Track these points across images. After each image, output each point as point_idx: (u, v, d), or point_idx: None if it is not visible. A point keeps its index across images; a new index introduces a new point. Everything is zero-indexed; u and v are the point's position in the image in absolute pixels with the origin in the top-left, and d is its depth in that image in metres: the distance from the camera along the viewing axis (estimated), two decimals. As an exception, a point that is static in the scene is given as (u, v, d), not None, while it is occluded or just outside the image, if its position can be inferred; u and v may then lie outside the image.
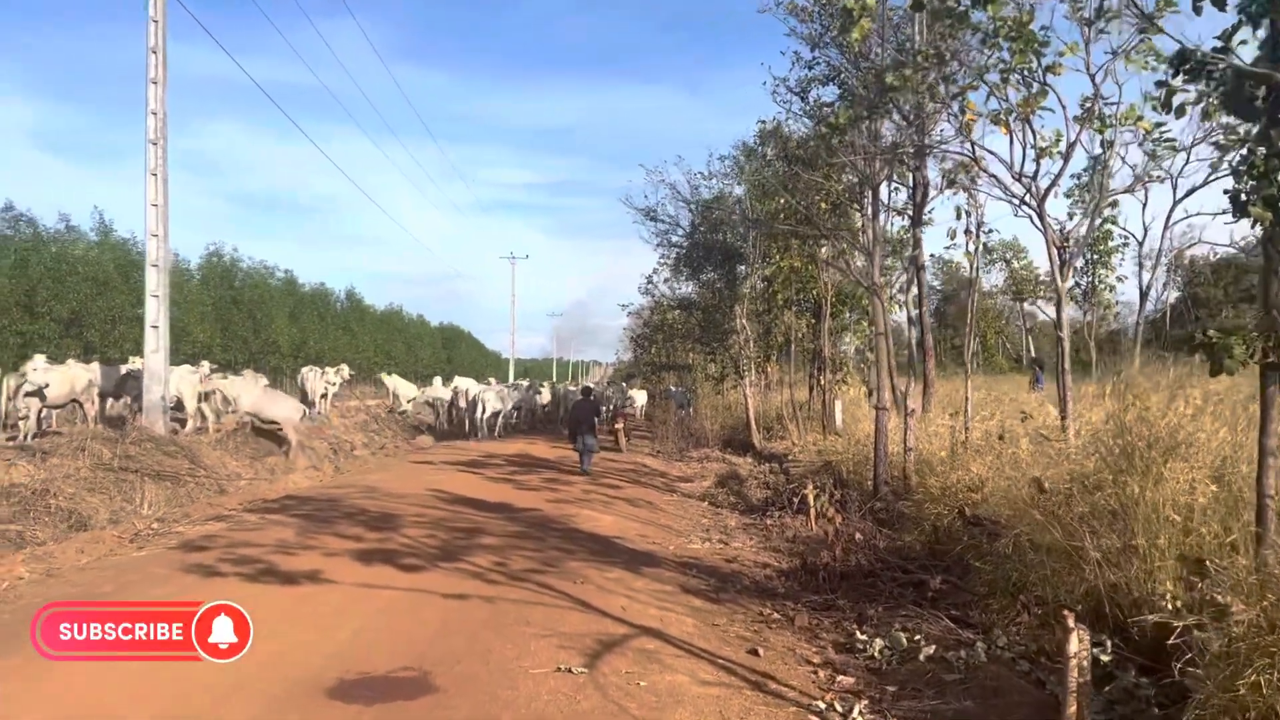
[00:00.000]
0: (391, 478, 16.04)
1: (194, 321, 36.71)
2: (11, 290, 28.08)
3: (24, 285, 28.54)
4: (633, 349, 42.29)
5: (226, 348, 38.95)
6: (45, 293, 28.88)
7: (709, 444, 22.75)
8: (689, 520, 12.64)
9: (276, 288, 45.10)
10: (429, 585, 7.91)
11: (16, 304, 28.24)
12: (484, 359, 79.79)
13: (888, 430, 11.92)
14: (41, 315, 28.79)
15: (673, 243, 23.50)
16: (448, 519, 11.46)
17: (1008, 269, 59.76)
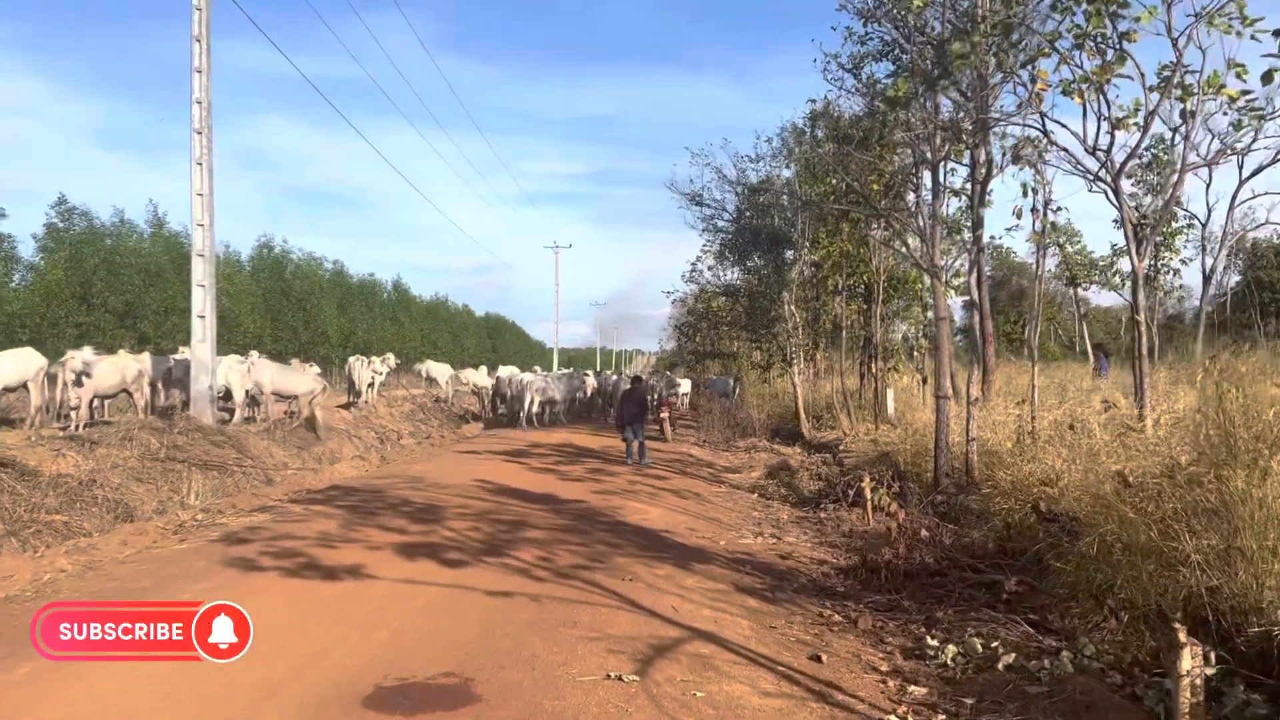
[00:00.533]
0: (437, 468, 15.76)
1: (245, 312, 36.99)
2: (67, 282, 28.40)
3: (79, 277, 28.86)
4: (676, 337, 41.75)
5: (277, 338, 39.21)
6: (100, 284, 29.18)
7: (756, 433, 22.23)
8: (739, 513, 12.18)
9: (326, 279, 45.38)
10: (472, 582, 7.54)
11: (72, 295, 28.56)
12: (528, 348, 79.88)
13: (949, 420, 11.33)
14: (96, 307, 29.10)
15: (718, 228, 23.00)
16: (492, 511, 11.12)
17: (1061, 253, 58.27)
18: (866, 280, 20.69)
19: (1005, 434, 11.65)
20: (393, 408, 25.24)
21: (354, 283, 48.28)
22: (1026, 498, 8.31)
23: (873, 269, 20.34)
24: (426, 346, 53.35)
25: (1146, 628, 5.92)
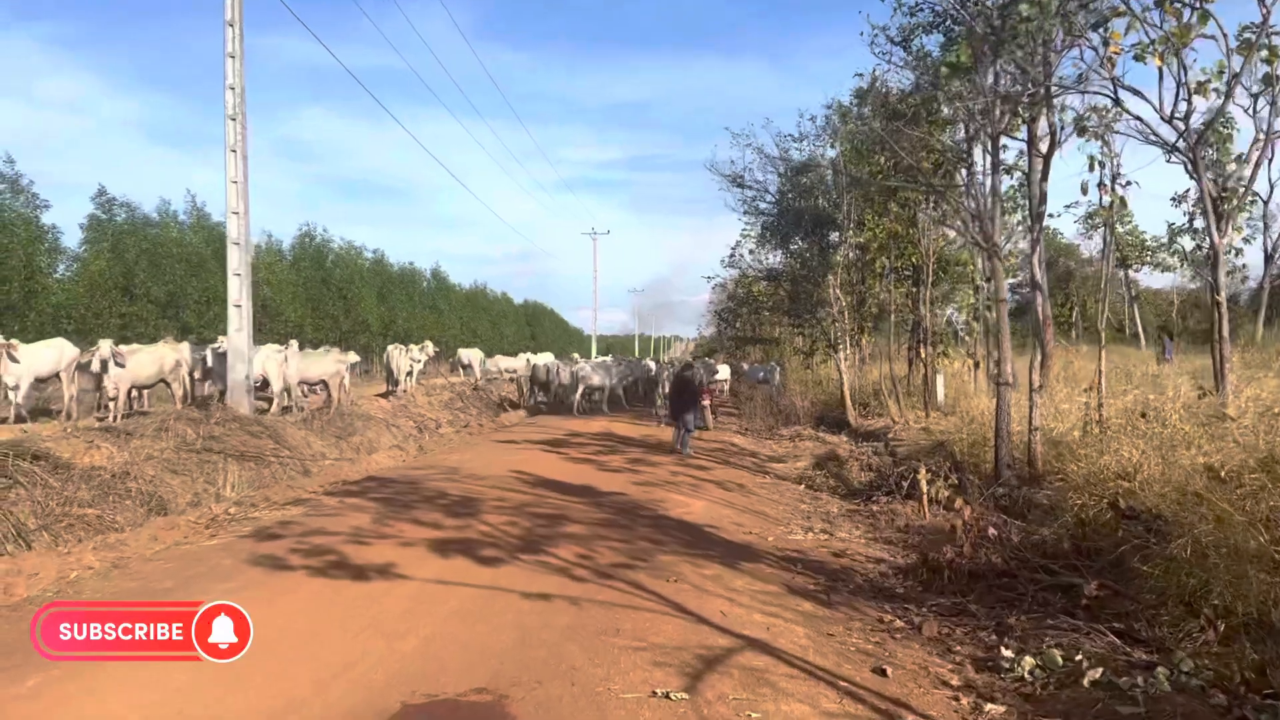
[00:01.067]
0: (474, 458, 15.41)
1: (286, 301, 37.07)
2: (110, 273, 28.50)
3: (121, 268, 28.95)
4: (716, 323, 41.07)
5: (318, 327, 39.28)
6: (142, 275, 29.25)
7: (800, 421, 21.61)
8: (786, 506, 11.65)
9: (366, 268, 45.39)
10: (508, 582, 7.12)
11: (115, 286, 28.66)
12: (566, 335, 79.69)
13: (1010, 408, 10.70)
14: (139, 297, 29.18)
15: (760, 210, 22.35)
16: (529, 503, 10.70)
17: (1111, 233, 56.61)
18: (915, 262, 19.96)
19: (1070, 423, 11.01)
20: (431, 396, 24.97)
21: (394, 271, 48.25)
22: (1102, 492, 7.70)
23: (921, 250, 19.60)
24: (466, 335, 53.30)
25: (1249, 639, 5.33)
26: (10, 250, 23.34)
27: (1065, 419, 11.26)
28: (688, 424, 16.78)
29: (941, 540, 9.33)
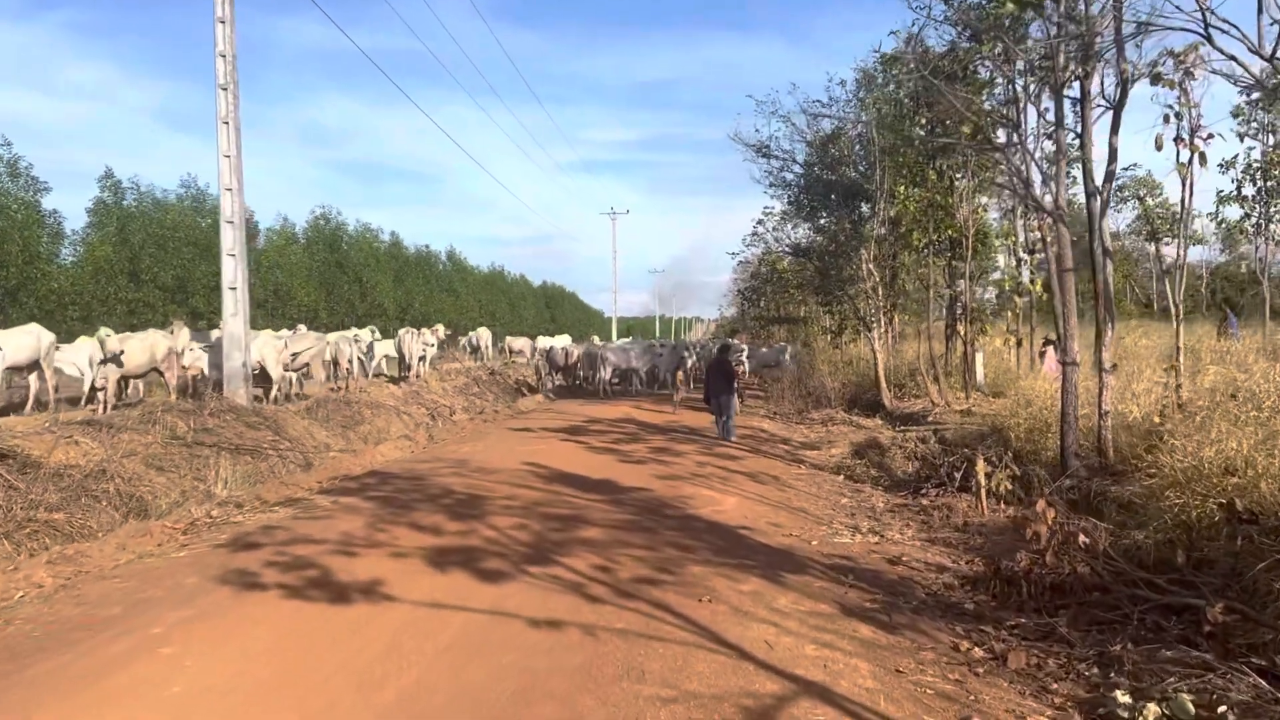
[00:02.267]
0: (486, 448, 14.37)
1: (298, 285, 36.24)
2: (116, 258, 27.67)
3: (127, 253, 28.11)
4: (739, 303, 39.74)
5: (332, 311, 38.48)
6: (149, 260, 28.40)
7: (831, 404, 20.43)
8: (826, 500, 10.52)
9: (381, 251, 44.53)
10: (513, 605, 6.05)
11: (121, 271, 27.82)
12: (587, 317, 78.68)
13: (1076, 389, 9.51)
14: (146, 283, 28.34)
15: (787, 182, 21.10)
16: (542, 502, 9.64)
17: (1141, 206, 54.63)
18: (952, 235, 18.69)
19: (1143, 407, 9.82)
20: (445, 382, 23.96)
21: (410, 254, 47.36)
22: (1207, 490, 6.52)
23: (959, 221, 18.32)
24: (484, 317, 52.38)
25: None
26: (6, 234, 22.47)
27: (1133, 402, 10.06)
28: (725, 410, 15.72)
29: (1007, 543, 8.23)
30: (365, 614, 5.91)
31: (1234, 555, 5.76)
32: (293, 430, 15.52)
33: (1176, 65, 9.18)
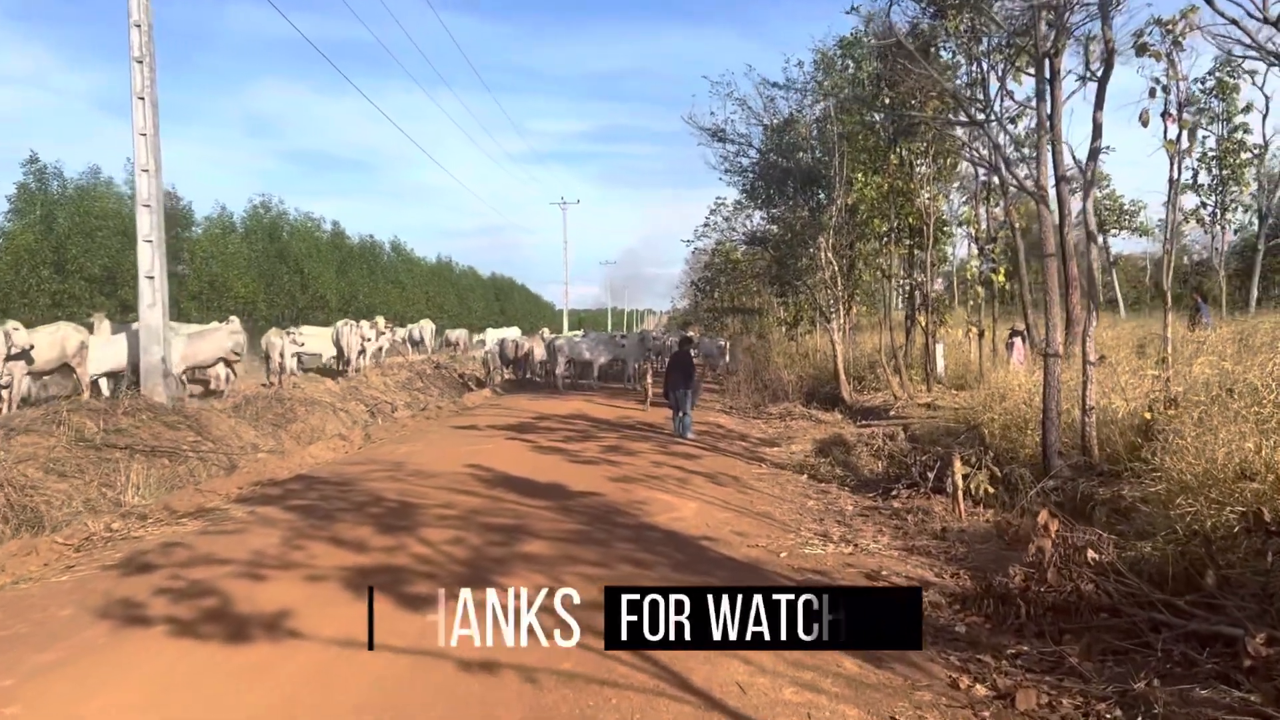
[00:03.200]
0: (426, 448, 13.38)
1: (236, 276, 34.72)
2: (39, 247, 26.02)
3: (52, 242, 26.48)
4: (691, 294, 38.90)
5: (272, 303, 36.98)
6: (75, 249, 26.78)
7: (788, 397, 19.73)
8: (791, 504, 9.75)
9: (323, 241, 43.03)
10: (442, 640, 5.15)
11: (45, 262, 26.19)
12: (538, 309, 77.52)
13: (1058, 383, 8.83)
14: (71, 273, 26.73)
15: (743, 168, 20.30)
16: (483, 511, 8.72)
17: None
18: (912, 222, 18.06)
19: (1130, 401, 9.18)
20: (387, 376, 22.87)
21: (353, 245, 45.88)
22: (1221, 496, 5.83)
23: (918, 208, 17.71)
24: (431, 309, 51.05)
25: None
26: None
27: (1118, 396, 9.42)
28: (684, 404, 14.93)
29: (992, 552, 7.52)
30: (263, 658, 4.97)
31: (1264, 574, 5.06)
32: (217, 430, 14.39)
33: (1164, 34, 8.54)
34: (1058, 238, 9.12)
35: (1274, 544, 5.13)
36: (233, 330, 17.37)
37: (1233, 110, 23.57)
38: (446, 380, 25.93)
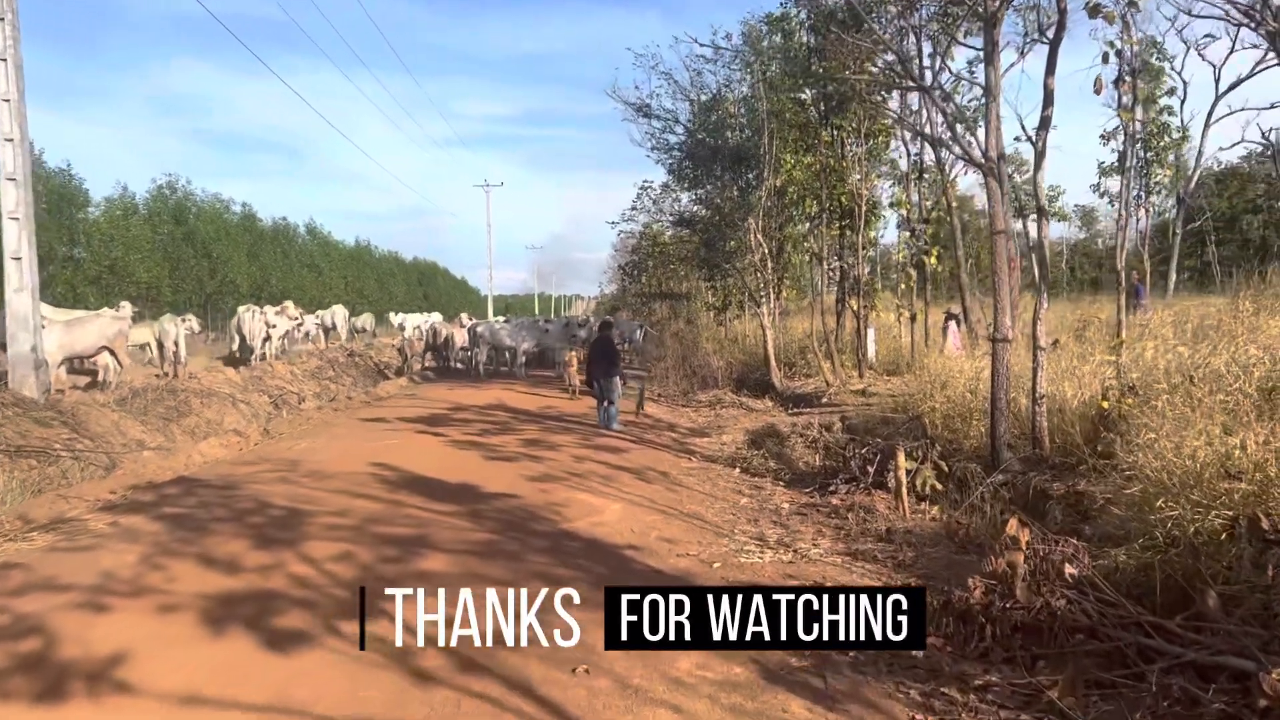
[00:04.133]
0: (328, 444, 12.27)
1: (138, 260, 32.73)
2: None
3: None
4: (620, 279, 37.97)
5: (177, 289, 35.01)
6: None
7: (718, 384, 19.01)
8: (724, 502, 8.97)
9: (233, 223, 40.99)
10: (306, 694, 4.22)
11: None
12: (464, 295, 75.74)
13: (1007, 370, 8.20)
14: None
15: (670, 145, 19.44)
16: (381, 518, 7.74)
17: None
18: (844, 203, 17.46)
19: (1083, 389, 8.62)
20: (295, 365, 21.50)
21: (265, 228, 43.85)
22: (1206, 498, 5.19)
23: (850, 189, 17.12)
24: (351, 295, 49.21)
25: None
26: None
27: (1068, 383, 8.86)
28: (609, 393, 14.07)
29: (944, 557, 6.85)
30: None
31: (1264, 590, 4.41)
32: (97, 426, 13.05)
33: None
34: (1006, 211, 8.50)
35: (1274, 555, 4.50)
36: (117, 316, 15.95)
37: (1158, 91, 23.54)
38: (361, 369, 24.63)
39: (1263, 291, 11.50)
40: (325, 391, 20.37)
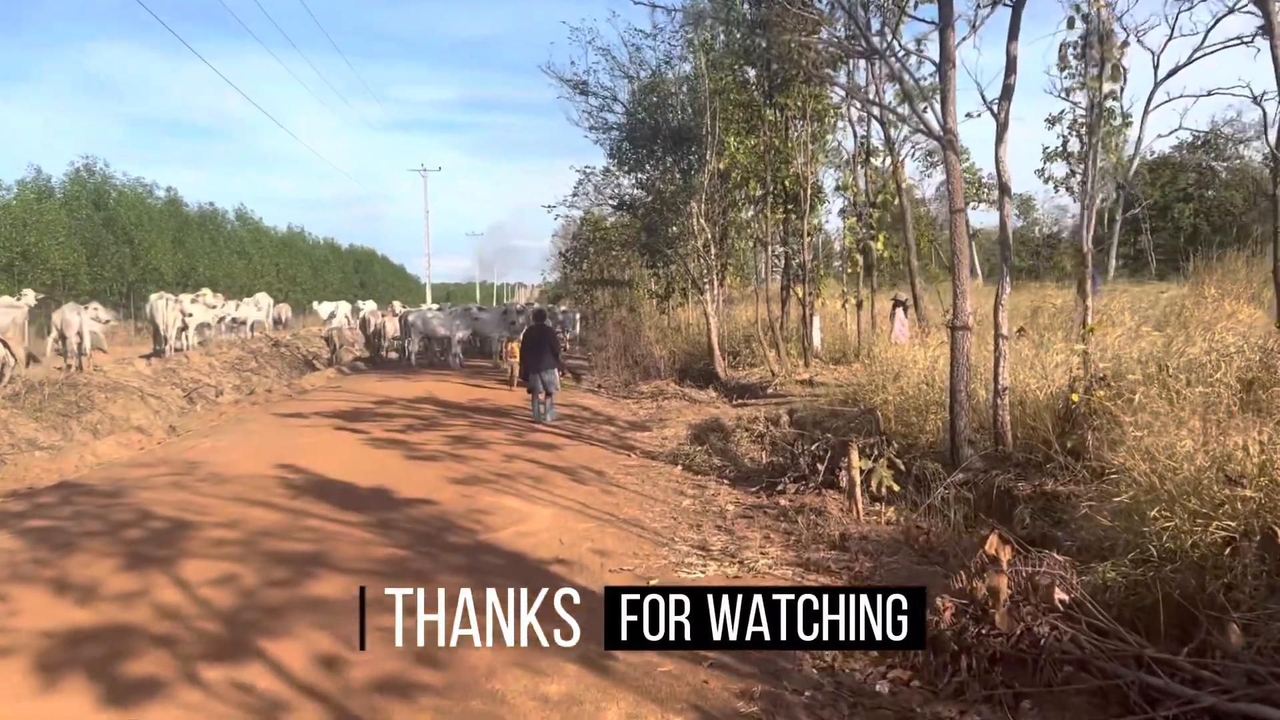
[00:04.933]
0: (236, 443, 11.24)
1: (54, 247, 30.99)
2: None
3: None
4: (561, 266, 36.90)
5: (96, 276, 33.31)
6: None
7: (661, 374, 18.28)
8: (664, 505, 8.22)
9: (156, 208, 39.16)
10: None
11: None
12: (403, 282, 74.04)
13: (967, 360, 7.57)
14: None
15: (609, 124, 18.57)
16: (276, 531, 6.83)
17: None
18: (788, 186, 16.81)
19: (1048, 380, 8.03)
20: (214, 356, 20.25)
21: (191, 213, 42.04)
22: (1207, 506, 4.56)
23: (795, 171, 16.48)
24: (283, 282, 47.50)
25: None
26: None
27: (1029, 373, 8.27)
28: (547, 385, 13.22)
29: (904, 567, 6.18)
30: None
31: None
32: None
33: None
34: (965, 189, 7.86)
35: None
36: (12, 305, 14.67)
37: (1120, 63, 23.22)
38: (287, 360, 23.39)
39: (1227, 278, 11.09)
40: (246, 384, 19.17)
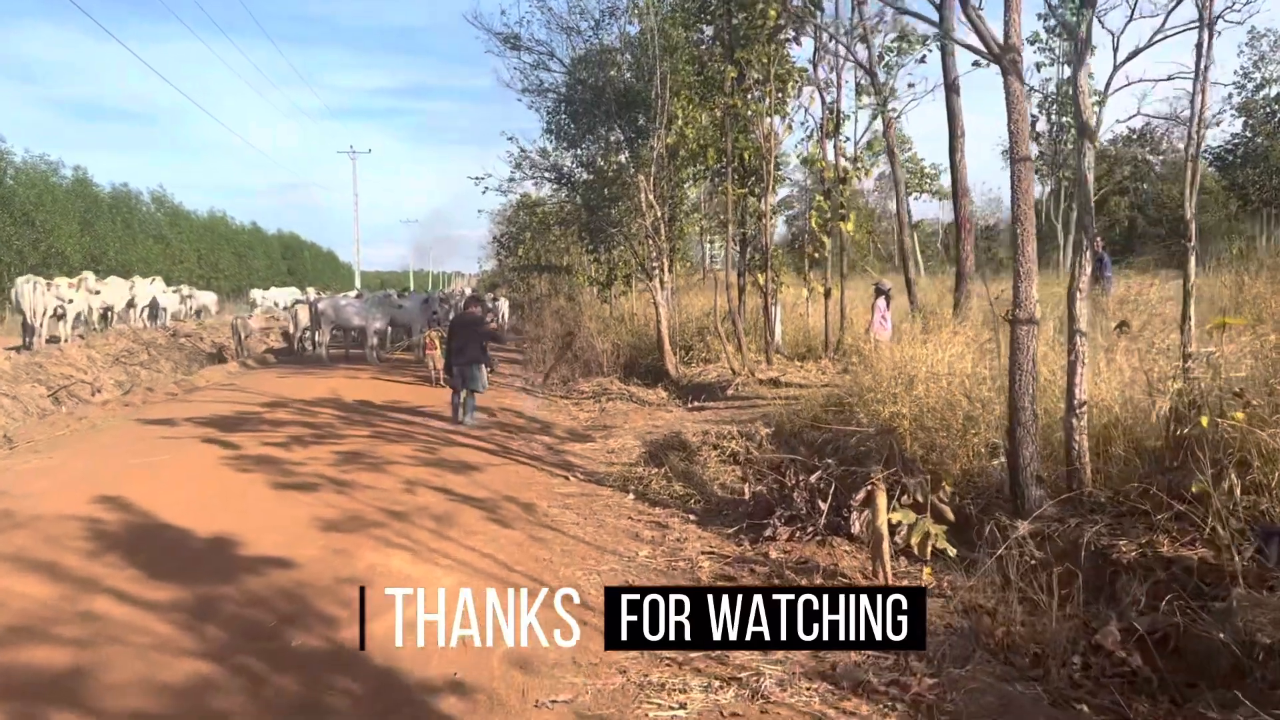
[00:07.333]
0: (66, 462, 8.59)
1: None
2: None
3: None
4: (496, 253, 34.17)
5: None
6: None
7: (604, 370, 15.94)
8: (615, 555, 5.90)
9: (61, 188, 35.55)
10: None
11: None
12: (333, 270, 70.43)
13: (1033, 363, 5.39)
14: None
15: (544, 86, 16.10)
16: (34, 624, 4.35)
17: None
18: (747, 159, 14.59)
19: (1108, 390, 5.91)
20: (95, 349, 17.35)
21: (103, 194, 38.43)
22: None
23: (755, 143, 14.28)
24: (205, 269, 44.01)
25: None
26: None
27: (1099, 384, 6.14)
28: (471, 383, 10.93)
29: (988, 686, 3.98)
30: None
31: None
32: None
33: None
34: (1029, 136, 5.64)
35: None
36: None
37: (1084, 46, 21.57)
38: (187, 352, 20.51)
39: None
40: (130, 380, 16.34)
